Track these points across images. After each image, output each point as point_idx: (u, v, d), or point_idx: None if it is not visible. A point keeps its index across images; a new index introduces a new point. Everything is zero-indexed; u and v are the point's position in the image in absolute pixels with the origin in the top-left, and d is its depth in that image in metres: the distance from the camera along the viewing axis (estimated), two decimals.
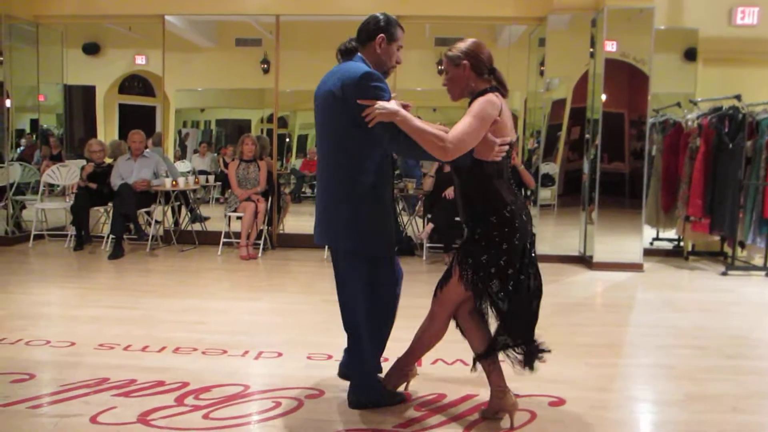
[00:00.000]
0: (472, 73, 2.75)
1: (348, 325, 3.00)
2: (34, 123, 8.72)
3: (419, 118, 2.70)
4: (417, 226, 7.73)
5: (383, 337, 2.97)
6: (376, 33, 2.81)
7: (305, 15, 7.74)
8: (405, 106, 2.70)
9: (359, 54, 2.83)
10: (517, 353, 2.81)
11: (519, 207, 2.74)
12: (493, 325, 2.85)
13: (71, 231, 7.37)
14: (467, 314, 2.84)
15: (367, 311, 2.88)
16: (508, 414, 2.82)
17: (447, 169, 6.97)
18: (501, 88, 2.77)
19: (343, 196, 2.78)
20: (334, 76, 2.77)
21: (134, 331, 4.15)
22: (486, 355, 2.80)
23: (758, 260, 6.54)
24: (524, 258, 2.74)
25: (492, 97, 2.68)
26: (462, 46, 2.77)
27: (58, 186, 8.12)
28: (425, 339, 2.96)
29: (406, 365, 3.07)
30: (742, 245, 6.71)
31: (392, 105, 2.63)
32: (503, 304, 2.73)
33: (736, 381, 3.44)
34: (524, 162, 7.79)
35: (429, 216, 7.02)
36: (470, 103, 2.72)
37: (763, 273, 6.36)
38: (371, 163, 2.76)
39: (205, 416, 2.87)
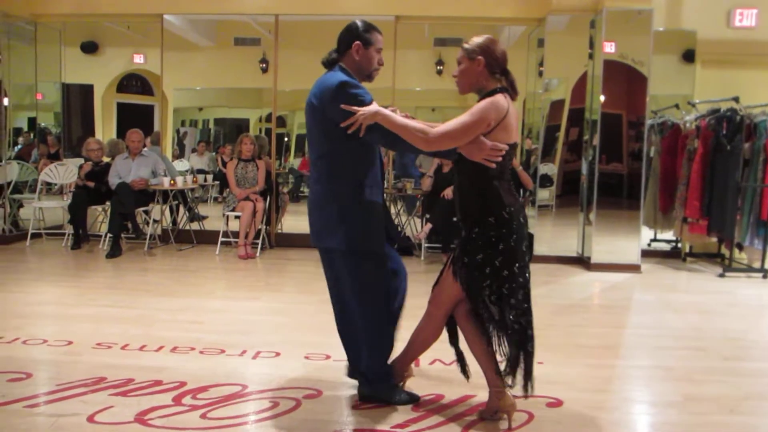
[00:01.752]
0: (485, 70, 2.74)
1: (343, 324, 3.03)
2: (32, 121, 8.70)
3: (413, 118, 2.74)
4: (415, 227, 7.73)
5: (383, 333, 2.96)
6: (352, 41, 2.88)
7: (304, 15, 7.74)
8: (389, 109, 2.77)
9: (340, 63, 2.91)
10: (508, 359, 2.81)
11: (518, 209, 2.74)
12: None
13: (69, 230, 7.35)
14: (464, 314, 2.83)
15: (362, 310, 2.91)
16: (506, 414, 2.82)
17: (446, 169, 6.98)
18: (511, 90, 2.77)
19: (330, 198, 2.86)
20: (316, 87, 2.87)
21: (132, 331, 4.14)
22: (497, 372, 2.80)
23: (756, 262, 6.54)
24: (521, 261, 2.74)
25: (500, 98, 2.68)
26: (479, 40, 2.76)
27: (55, 185, 8.11)
28: (422, 339, 2.97)
29: (402, 366, 3.07)
30: (740, 247, 6.72)
31: (371, 107, 2.69)
32: (495, 309, 2.73)
33: (733, 383, 3.45)
34: (522, 163, 7.79)
35: (427, 216, 7.02)
36: (478, 101, 2.72)
37: (760, 275, 6.37)
38: (355, 165, 2.85)
39: (203, 416, 2.86)
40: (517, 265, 2.72)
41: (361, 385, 3.05)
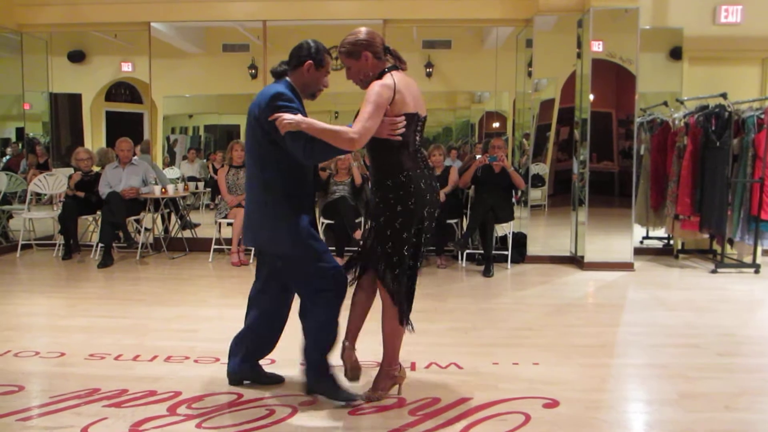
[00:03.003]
0: (374, 60, 2.92)
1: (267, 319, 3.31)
2: (20, 131, 8.65)
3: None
4: None
5: (306, 330, 3.11)
6: (305, 59, 2.99)
7: (292, 20, 7.73)
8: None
9: (287, 77, 3.03)
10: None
11: (418, 175, 2.91)
12: None
13: (59, 240, 7.31)
14: (366, 285, 3.08)
15: (312, 304, 3.05)
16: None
17: (437, 172, 6.98)
18: (399, 64, 2.97)
19: (261, 203, 3.01)
20: (257, 97, 2.99)
21: (125, 341, 4.12)
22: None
23: (747, 257, 6.58)
24: (420, 225, 2.92)
25: (386, 79, 2.86)
26: (356, 38, 2.92)
27: (45, 195, 8.06)
28: (387, 330, 3.05)
29: (389, 367, 3.09)
30: (731, 243, 6.76)
31: (297, 116, 2.80)
32: (398, 270, 2.91)
33: (727, 379, 3.46)
34: (514, 163, 7.81)
35: None
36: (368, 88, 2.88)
37: (752, 270, 6.40)
38: (285, 172, 2.97)
39: (198, 425, 2.85)
40: (417, 228, 2.91)
41: (309, 379, 3.15)
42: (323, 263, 2.99)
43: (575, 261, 6.93)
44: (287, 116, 2.79)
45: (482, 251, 6.65)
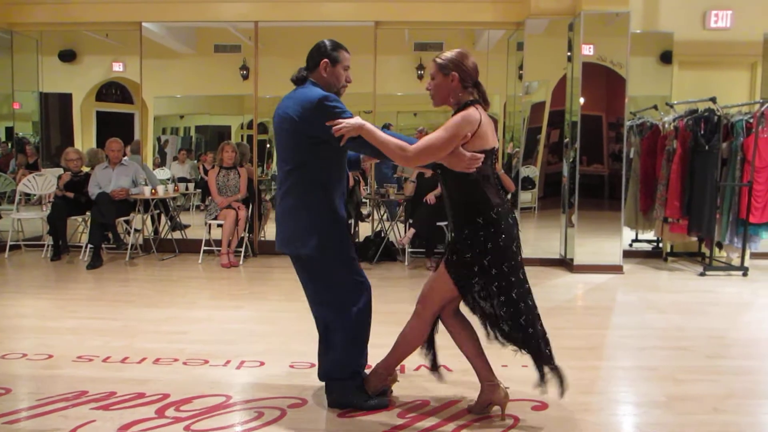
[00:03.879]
0: (459, 85, 2.81)
1: (318, 326, 3.12)
2: (9, 131, 8.59)
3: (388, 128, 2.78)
4: (399, 232, 7.73)
5: (358, 337, 3.03)
6: (320, 59, 2.96)
7: (284, 21, 7.72)
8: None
9: (310, 80, 2.98)
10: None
11: (505, 210, 2.82)
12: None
13: (48, 241, 7.27)
14: (451, 314, 2.93)
15: (337, 313, 2.99)
16: (499, 406, 2.90)
17: (428, 174, 6.98)
18: (483, 102, 2.84)
19: (303, 208, 2.94)
20: (292, 101, 2.91)
21: (113, 342, 4.10)
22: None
23: (736, 260, 6.62)
24: (510, 261, 2.80)
25: (472, 112, 2.75)
26: (451, 55, 2.83)
27: (34, 195, 8.01)
28: (408, 340, 2.99)
29: (387, 368, 3.07)
30: (720, 246, 6.80)
31: (356, 120, 2.77)
32: (485, 304, 2.81)
33: (716, 381, 3.48)
34: (504, 166, 7.83)
35: (410, 221, 7.02)
36: (453, 114, 2.81)
37: (740, 273, 6.44)
38: (326, 177, 2.94)
39: (187, 428, 2.83)
40: (506, 264, 2.78)
41: (331, 392, 3.07)
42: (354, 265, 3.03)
43: (565, 263, 6.95)
44: (345, 122, 2.74)
45: None
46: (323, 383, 3.12)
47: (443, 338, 2.96)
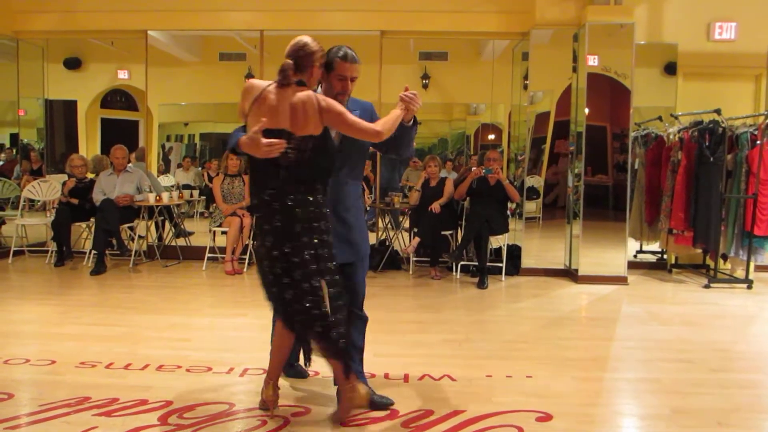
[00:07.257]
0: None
1: None
2: (14, 137, 8.62)
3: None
4: (403, 240, 7.72)
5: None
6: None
7: (289, 30, 7.73)
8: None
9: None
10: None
11: (280, 192, 2.80)
12: None
13: (52, 247, 7.27)
14: None
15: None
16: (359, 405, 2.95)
17: (433, 183, 7.00)
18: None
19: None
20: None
21: (117, 349, 4.09)
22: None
23: (740, 273, 6.60)
24: (292, 242, 2.77)
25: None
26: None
27: (38, 201, 8.03)
28: (275, 344, 3.06)
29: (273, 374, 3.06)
30: (725, 258, 6.77)
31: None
32: (275, 289, 2.85)
33: (720, 395, 3.46)
34: (509, 176, 7.83)
35: (415, 230, 7.02)
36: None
37: (745, 285, 6.42)
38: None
39: None
40: (289, 245, 2.77)
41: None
42: None
43: (569, 274, 6.94)
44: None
45: (477, 263, 6.64)
46: (326, 392, 3.11)
47: (444, 347, 2.94)
